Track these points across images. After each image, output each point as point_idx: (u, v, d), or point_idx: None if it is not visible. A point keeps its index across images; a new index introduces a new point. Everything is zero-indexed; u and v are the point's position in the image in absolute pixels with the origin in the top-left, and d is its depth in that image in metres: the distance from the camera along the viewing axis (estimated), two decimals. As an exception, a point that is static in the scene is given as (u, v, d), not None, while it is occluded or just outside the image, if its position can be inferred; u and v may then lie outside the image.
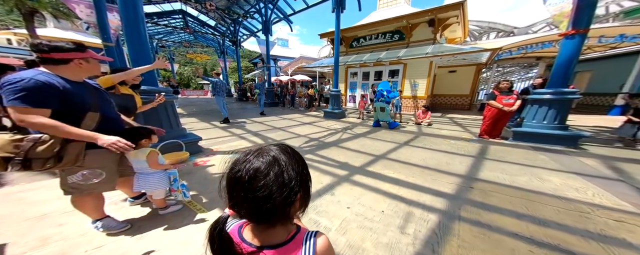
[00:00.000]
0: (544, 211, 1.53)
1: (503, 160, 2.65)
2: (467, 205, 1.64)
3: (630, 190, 1.85)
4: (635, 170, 2.33)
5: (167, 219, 1.47)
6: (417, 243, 1.26)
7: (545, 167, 2.43)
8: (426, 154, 2.92)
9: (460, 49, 6.19)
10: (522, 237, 1.26)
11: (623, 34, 5.68)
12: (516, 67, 12.69)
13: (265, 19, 8.69)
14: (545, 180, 2.06)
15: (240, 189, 0.37)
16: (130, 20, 2.29)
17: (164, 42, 15.05)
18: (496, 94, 3.73)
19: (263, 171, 0.37)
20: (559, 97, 3.25)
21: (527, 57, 9.16)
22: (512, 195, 1.77)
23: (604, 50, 7.79)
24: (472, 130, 4.50)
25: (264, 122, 5.53)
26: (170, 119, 2.62)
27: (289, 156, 0.42)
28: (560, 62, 3.29)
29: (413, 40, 7.62)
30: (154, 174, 1.41)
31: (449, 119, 6.29)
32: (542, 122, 3.43)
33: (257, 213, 0.39)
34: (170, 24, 11.74)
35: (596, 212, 1.51)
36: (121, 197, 1.69)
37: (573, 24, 3.13)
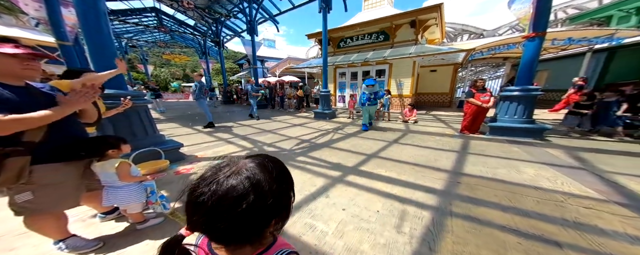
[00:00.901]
0: (525, 202, 1.61)
1: (483, 154, 2.79)
2: (456, 200, 1.67)
3: (592, 177, 2.03)
4: (593, 158, 2.58)
5: (146, 233, 1.31)
6: (413, 242, 1.25)
7: (519, 159, 2.60)
8: (415, 151, 2.98)
9: (439, 49, 6.48)
10: (510, 229, 1.31)
11: (570, 37, 6.39)
12: (487, 66, 13.66)
13: (249, 19, 8.35)
14: (521, 172, 2.19)
15: (203, 214, 0.32)
16: (88, 16, 1.96)
17: (134, 42, 13.50)
18: (474, 92, 3.94)
19: (232, 198, 0.31)
20: (526, 94, 3.54)
21: (495, 58, 9.88)
22: (496, 188, 1.84)
23: (557, 52, 8.67)
24: (454, 126, 4.72)
25: (252, 125, 5.31)
26: (144, 125, 2.31)
27: (267, 174, 0.36)
28: (525, 61, 3.59)
29: (397, 40, 7.83)
30: (125, 187, 1.25)
31: (432, 116, 6.56)
32: (513, 116, 3.70)
33: (223, 238, 0.34)
34: (141, 22, 10.50)
35: (568, 200, 1.62)
36: (90, 213, 1.48)
37: (533, 28, 3.42)
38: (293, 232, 1.33)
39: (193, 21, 11.32)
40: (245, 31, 9.39)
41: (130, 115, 2.15)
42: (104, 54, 2.06)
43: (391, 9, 9.00)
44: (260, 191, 0.33)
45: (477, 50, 7.25)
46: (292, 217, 1.47)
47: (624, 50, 7.43)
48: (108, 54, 2.08)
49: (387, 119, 5.93)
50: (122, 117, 1.99)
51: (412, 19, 7.12)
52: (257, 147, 3.38)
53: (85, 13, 1.94)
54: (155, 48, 15.21)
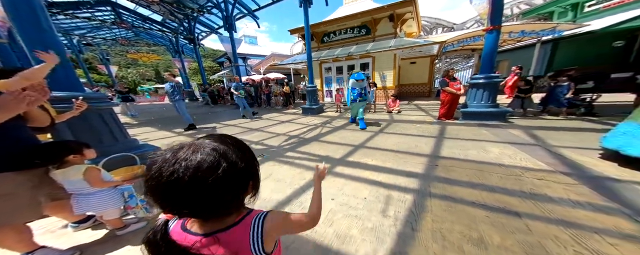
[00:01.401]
0: (491, 179, 1.77)
1: (457, 138, 2.99)
2: (435, 181, 1.79)
3: (544, 152, 2.28)
4: (545, 135, 2.89)
5: (127, 239, 1.24)
6: (398, 224, 1.31)
7: (486, 140, 2.83)
8: (398, 139, 3.10)
9: (416, 42, 6.66)
10: (479, 204, 1.43)
11: (523, 30, 7.02)
12: (459, 58, 14.45)
13: (226, 14, 7.75)
14: (488, 152, 2.39)
15: (179, 192, 0.31)
16: (19, 8, 1.60)
17: (89, 39, 11.51)
18: (448, 81, 4.15)
19: (207, 168, 0.32)
20: (489, 81, 3.84)
21: (465, 49, 10.45)
22: (467, 168, 2.00)
23: (514, 43, 9.45)
24: (433, 114, 4.98)
25: (238, 125, 5.09)
26: (112, 130, 2.04)
27: (228, 145, 0.37)
28: (486, 52, 3.88)
29: (378, 34, 7.88)
30: (97, 193, 1.15)
31: (414, 105, 6.83)
32: (480, 102, 4.00)
33: (205, 212, 0.35)
34: (95, 17, 8.77)
35: (525, 174, 1.81)
36: (60, 223, 1.35)
37: (491, 21, 3.69)
38: None
39: (160, 17, 9.99)
40: (222, 27, 8.71)
41: (91, 119, 1.87)
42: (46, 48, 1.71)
43: (371, 3, 8.94)
44: (229, 158, 0.34)
45: (448, 42, 7.59)
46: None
47: (564, 41, 8.30)
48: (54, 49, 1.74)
49: (373, 110, 6.06)
50: (80, 122, 1.72)
51: (390, 13, 7.18)
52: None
53: (14, 4, 1.59)
54: (117, 46, 13.11)
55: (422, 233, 1.22)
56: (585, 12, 8.85)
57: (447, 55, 11.95)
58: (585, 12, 8.82)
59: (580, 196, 1.43)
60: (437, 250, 1.08)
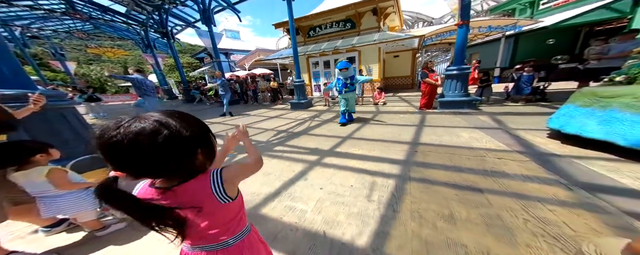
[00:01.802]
0: (460, 161, 1.94)
1: (434, 125, 3.19)
2: (414, 166, 1.91)
3: (505, 134, 2.54)
4: (506, 120, 3.20)
5: (108, 240, 1.19)
6: (381, 207, 1.40)
7: (459, 126, 3.06)
8: (384, 129, 3.22)
9: (398, 36, 6.74)
10: (449, 184, 1.58)
11: (490, 25, 7.47)
12: (439, 51, 14.98)
13: (203, 7, 7.06)
14: (459, 137, 2.60)
15: (122, 153, 0.34)
16: None
17: (34, 32, 9.67)
18: (427, 73, 4.34)
19: (146, 135, 0.34)
20: (461, 72, 4.08)
21: (443, 43, 10.85)
22: (441, 152, 2.16)
23: (483, 37, 10.02)
24: (415, 105, 5.20)
25: (224, 122, 4.88)
26: (77, 131, 1.84)
27: (174, 117, 0.39)
28: (458, 45, 4.10)
29: (363, 28, 7.82)
30: (66, 195, 1.07)
31: (398, 97, 7.05)
32: (454, 92, 4.26)
33: (148, 174, 0.38)
34: (39, 6, 7.25)
35: (488, 154, 2.01)
36: (30, 229, 1.25)
37: (461, 17, 3.86)
38: (275, 215, 1.35)
39: (124, 8, 8.58)
40: (199, 21, 7.96)
41: (52, 119, 1.68)
42: None
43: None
44: (171, 127, 0.36)
45: (427, 36, 7.80)
46: (272, 201, 1.51)
47: (524, 36, 9.00)
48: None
49: (361, 102, 6.15)
50: (39, 123, 1.55)
51: (373, 7, 7.11)
52: None
53: None
54: (74, 40, 11.28)
55: (402, 214, 1.32)
56: (540, 9, 9.57)
57: (428, 48, 12.33)
58: (541, 10, 9.54)
59: (530, 171, 1.64)
60: (415, 228, 1.18)
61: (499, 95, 5.21)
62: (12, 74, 1.52)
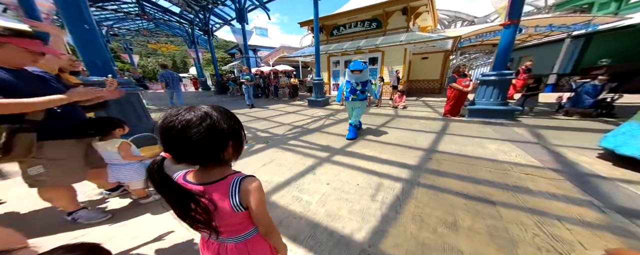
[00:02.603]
0: (479, 172, 1.85)
1: (457, 134, 3.02)
2: (425, 173, 1.90)
3: (542, 150, 2.29)
4: (550, 134, 2.85)
5: (147, 207, 1.47)
6: (384, 207, 1.47)
7: (487, 137, 2.84)
8: (399, 133, 3.19)
9: (429, 37, 6.41)
10: (461, 194, 1.55)
11: (551, 24, 6.44)
12: (480, 53, 13.58)
13: (239, 6, 7.82)
14: (485, 148, 2.43)
15: (174, 136, 0.41)
16: (68, 2, 1.85)
17: (115, 30, 12.38)
18: (456, 77, 4.08)
19: (195, 122, 0.41)
20: (500, 78, 3.71)
21: (485, 44, 9.84)
22: (459, 162, 2.08)
23: (541, 38, 8.72)
24: (440, 111, 4.92)
25: (246, 114, 5.36)
26: (137, 112, 2.34)
27: (220, 113, 0.45)
28: (501, 47, 3.72)
29: (389, 28, 7.63)
30: (127, 165, 1.37)
31: (422, 102, 6.73)
32: (489, 99, 3.91)
33: (191, 156, 0.44)
34: (121, 9, 9.49)
35: (514, 169, 1.87)
36: (97, 191, 1.63)
37: (509, 16, 3.48)
38: (282, 203, 1.53)
39: (178, 9, 10.29)
40: (234, 19, 8.84)
41: (122, 101, 2.16)
42: (91, 40, 1.98)
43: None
44: (213, 119, 0.43)
45: (464, 37, 7.21)
46: (281, 190, 1.69)
47: (599, 36, 7.54)
48: (95, 41, 2.01)
49: (379, 105, 6.07)
50: (115, 104, 2.03)
51: (403, 6, 6.88)
52: (250, 133, 3.51)
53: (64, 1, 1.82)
54: (140, 37, 13.96)
55: (403, 216, 1.37)
56: (631, 2, 7.91)
57: (464, 50, 11.31)
58: (631, 4, 7.89)
59: (560, 190, 1.50)
60: (414, 230, 1.23)
61: (549, 107, 4.58)
62: (102, 65, 2.06)
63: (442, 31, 10.13)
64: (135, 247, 1.11)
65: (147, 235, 1.20)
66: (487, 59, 17.18)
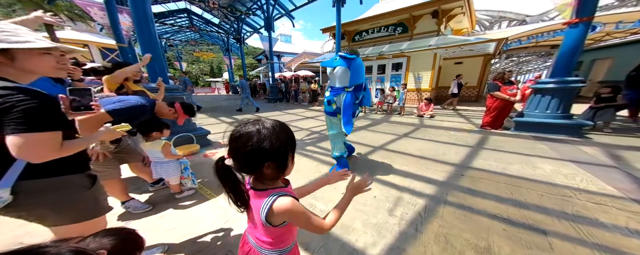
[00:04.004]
0: (527, 195, 1.61)
1: (500, 150, 2.69)
2: (454, 190, 1.74)
3: (622, 176, 1.87)
4: (632, 157, 2.31)
5: (181, 201, 1.67)
6: (402, 223, 1.39)
7: (541, 155, 2.45)
8: (424, 145, 3.00)
9: (466, 40, 6.00)
10: (500, 217, 1.36)
11: None
12: (533, 56, 12.02)
13: (267, 15, 8.71)
14: (537, 168, 2.10)
15: (232, 143, 0.51)
16: (140, 20, 2.41)
17: (171, 41, 15.31)
18: (499, 85, 3.68)
19: (247, 136, 0.49)
20: (563, 86, 3.20)
21: (540, 46, 8.70)
22: (500, 182, 1.84)
23: (624, 36, 7.28)
24: (475, 122, 4.48)
25: (268, 118, 5.71)
26: None
27: (271, 130, 0.50)
28: (564, 50, 3.23)
29: (417, 32, 7.43)
30: (168, 163, 1.61)
31: (454, 111, 6.22)
32: (545, 111, 3.39)
33: (238, 162, 0.52)
34: (176, 24, 11.92)
35: (578, 195, 1.57)
36: (144, 184, 1.91)
37: (577, 13, 3.03)
38: None
39: (217, 20, 12.18)
40: (263, 27, 9.83)
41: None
42: (154, 51, 2.52)
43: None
44: (261, 137, 0.49)
45: (511, 39, 6.53)
46: None
47: None
48: (156, 51, 2.55)
49: (402, 113, 5.82)
50: None
51: (434, 9, 6.67)
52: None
53: (138, 18, 2.40)
54: (188, 46, 16.94)
55: (425, 235, 1.27)
56: None
57: (512, 53, 10.18)
58: None
59: (647, 229, 1.20)
60: (436, 252, 1.13)
61: (634, 122, 3.73)
62: (159, 71, 2.59)
63: (481, 33, 9.37)
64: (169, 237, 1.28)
65: (181, 227, 1.36)
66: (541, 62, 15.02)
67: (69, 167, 0.73)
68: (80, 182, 0.77)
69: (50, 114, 0.62)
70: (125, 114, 1.17)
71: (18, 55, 0.62)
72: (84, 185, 0.78)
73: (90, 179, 0.81)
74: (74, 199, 0.76)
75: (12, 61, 0.62)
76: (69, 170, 0.74)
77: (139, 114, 1.25)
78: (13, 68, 0.63)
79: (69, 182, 0.74)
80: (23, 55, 0.63)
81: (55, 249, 0.29)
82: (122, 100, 1.19)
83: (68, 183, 0.74)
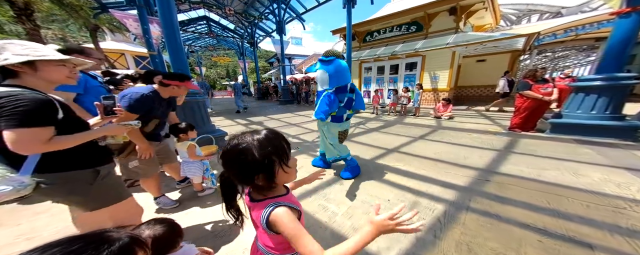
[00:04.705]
0: (569, 205, 1.43)
1: (532, 154, 2.45)
2: (478, 196, 1.61)
3: (694, 187, 1.59)
4: None
5: (203, 199, 1.76)
6: (419, 229, 1.32)
7: (586, 161, 2.18)
8: (442, 148, 2.84)
9: (489, 37, 5.65)
10: (535, 228, 1.23)
11: None
12: (572, 50, 10.85)
13: (278, 19, 9.03)
14: (581, 175, 1.87)
15: (222, 159, 0.54)
16: (168, 29, 2.65)
17: (193, 48, 16.59)
18: (531, 84, 3.39)
19: (232, 151, 0.51)
20: (613, 83, 2.84)
21: (581, 39, 7.87)
22: (534, 189, 1.67)
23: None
24: (503, 123, 4.14)
25: (280, 119, 5.85)
26: (202, 116, 3.03)
27: (258, 145, 0.51)
28: (613, 43, 2.89)
29: (432, 30, 7.17)
30: (193, 163, 1.72)
31: (475, 111, 5.83)
32: (589, 112, 3.03)
33: (232, 176, 0.55)
34: (196, 30, 12.96)
35: (634, 207, 1.36)
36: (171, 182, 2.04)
37: (628, 1, 2.71)
38: (308, 210, 1.56)
39: (233, 25, 13.04)
40: (274, 31, 10.20)
41: (193, 108, 2.89)
42: (179, 57, 2.80)
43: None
44: (244, 151, 0.50)
45: (544, 33, 6.01)
46: (308, 197, 1.74)
47: None
48: (182, 57, 2.83)
49: (417, 114, 5.58)
50: (187, 110, 2.79)
51: (451, 6, 6.39)
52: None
53: (167, 29, 2.66)
54: (206, 52, 18.30)
55: (444, 242, 1.19)
56: None
57: (546, 48, 9.31)
58: None
59: None
60: (458, 260, 1.05)
61: None
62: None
63: (507, 28, 8.74)
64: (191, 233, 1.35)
65: (202, 223, 1.44)
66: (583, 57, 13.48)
67: (74, 164, 0.84)
68: (83, 177, 0.87)
69: (40, 113, 0.70)
70: (138, 106, 1.28)
71: (40, 66, 0.76)
72: (88, 181, 0.88)
73: (95, 174, 0.90)
74: (85, 191, 0.88)
75: (35, 72, 0.75)
76: (74, 166, 0.84)
77: (149, 103, 1.33)
78: (36, 78, 0.76)
79: (73, 177, 0.84)
80: (44, 66, 0.76)
81: (116, 234, 0.34)
82: (124, 95, 1.28)
83: (73, 178, 0.84)
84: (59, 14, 8.66)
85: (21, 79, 0.74)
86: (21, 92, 0.69)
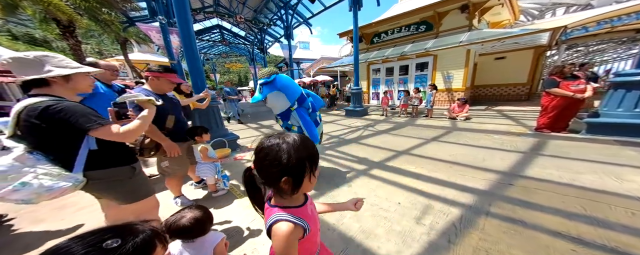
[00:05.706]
0: (610, 213, 1.28)
1: (564, 157, 2.24)
2: (500, 201, 1.50)
3: None
4: None
5: (217, 200, 1.83)
6: (432, 233, 1.26)
7: (628, 164, 1.96)
8: (458, 150, 2.70)
9: (507, 33, 5.36)
10: (566, 236, 1.11)
11: None
12: (609, 43, 9.90)
13: (286, 24, 9.36)
14: (624, 180, 1.68)
15: (255, 155, 0.54)
16: (185, 39, 2.90)
17: (208, 55, 17.62)
18: (558, 81, 3.15)
19: (268, 150, 0.51)
20: (658, 77, 2.55)
21: (618, 31, 7.19)
22: (567, 194, 1.52)
23: None
24: (528, 124, 3.86)
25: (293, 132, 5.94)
26: (216, 120, 3.23)
27: (293, 147, 0.50)
28: None
29: (443, 29, 6.96)
30: (205, 165, 1.80)
31: (496, 112, 5.50)
32: (633, 110, 2.73)
33: (260, 175, 0.55)
34: (210, 39, 13.86)
35: (694, 216, 1.18)
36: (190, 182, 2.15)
37: None
38: None
39: (243, 32, 13.74)
40: (283, 36, 10.57)
41: (209, 113, 3.10)
42: (195, 65, 3.05)
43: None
44: (280, 151, 0.50)
45: (570, 27, 5.59)
46: (315, 199, 1.75)
47: None
48: (197, 65, 3.08)
49: (429, 115, 5.37)
50: (203, 114, 2.99)
51: (462, 4, 6.18)
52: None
53: (185, 38, 2.91)
54: (220, 59, 19.40)
55: (460, 247, 1.12)
56: None
57: (576, 42, 8.61)
58: None
59: None
60: (475, 268, 0.98)
61: None
62: (201, 83, 3.05)
63: (528, 24, 8.24)
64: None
65: (216, 222, 1.48)
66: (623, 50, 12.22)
67: (115, 161, 0.98)
68: (123, 173, 1.00)
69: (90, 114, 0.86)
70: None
71: (74, 77, 0.88)
72: (128, 176, 1.02)
73: (133, 170, 1.04)
74: (123, 185, 1.01)
75: (67, 82, 0.87)
76: (116, 164, 0.98)
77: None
78: (64, 88, 0.87)
79: (117, 172, 0.98)
80: (77, 77, 0.89)
81: (141, 226, 0.40)
82: None
83: (116, 173, 0.98)
84: (95, 29, 9.72)
85: (52, 88, 0.84)
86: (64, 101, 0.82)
